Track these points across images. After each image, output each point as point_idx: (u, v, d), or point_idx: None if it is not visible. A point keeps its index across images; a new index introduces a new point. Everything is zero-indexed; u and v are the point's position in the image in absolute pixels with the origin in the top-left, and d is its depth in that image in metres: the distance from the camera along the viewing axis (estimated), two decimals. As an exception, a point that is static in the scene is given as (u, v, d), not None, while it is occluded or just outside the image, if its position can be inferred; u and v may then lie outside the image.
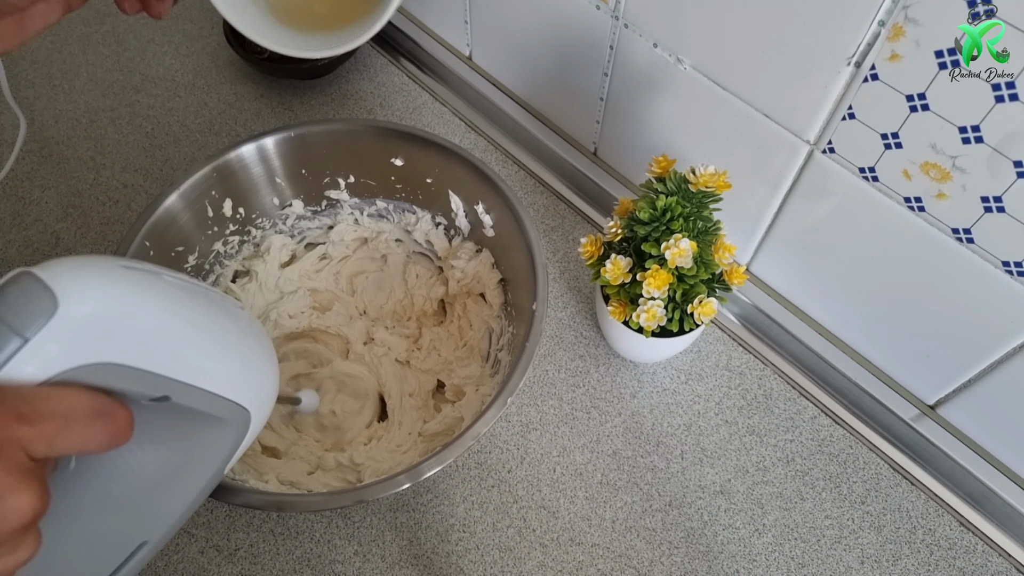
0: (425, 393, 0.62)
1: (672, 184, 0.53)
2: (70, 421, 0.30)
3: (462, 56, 0.81)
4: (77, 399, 0.30)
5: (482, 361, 0.62)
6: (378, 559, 0.56)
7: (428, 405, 0.62)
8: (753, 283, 0.67)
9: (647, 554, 0.57)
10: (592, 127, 0.72)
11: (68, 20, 0.86)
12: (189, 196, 0.59)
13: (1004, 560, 0.56)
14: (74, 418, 0.30)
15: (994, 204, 0.45)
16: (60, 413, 0.30)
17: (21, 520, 0.28)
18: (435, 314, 0.67)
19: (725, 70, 0.54)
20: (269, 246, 0.65)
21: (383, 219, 0.67)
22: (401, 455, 0.58)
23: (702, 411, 0.62)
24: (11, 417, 0.28)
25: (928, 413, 0.60)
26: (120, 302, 0.33)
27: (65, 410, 0.30)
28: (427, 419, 0.61)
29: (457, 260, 0.64)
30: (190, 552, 0.56)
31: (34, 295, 0.31)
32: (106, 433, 0.31)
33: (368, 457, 0.58)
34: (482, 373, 0.61)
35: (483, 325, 0.63)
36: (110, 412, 0.31)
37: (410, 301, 0.67)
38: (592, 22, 0.61)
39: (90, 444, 0.31)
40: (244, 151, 0.60)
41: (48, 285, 0.31)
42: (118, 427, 0.32)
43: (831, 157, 0.52)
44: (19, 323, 0.30)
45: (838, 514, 0.58)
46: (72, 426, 0.30)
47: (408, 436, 0.60)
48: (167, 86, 0.72)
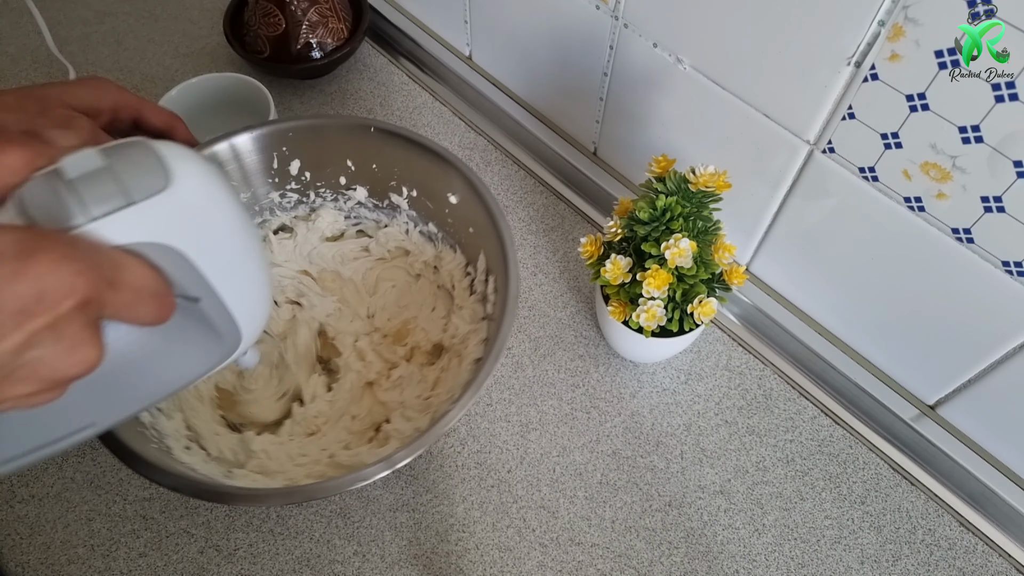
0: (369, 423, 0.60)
1: (672, 184, 0.53)
2: (140, 296, 0.31)
3: (462, 56, 0.81)
4: (149, 276, 0.32)
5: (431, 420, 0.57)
6: (378, 559, 0.56)
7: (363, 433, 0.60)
8: (753, 283, 0.67)
9: (647, 554, 0.57)
10: (592, 127, 0.72)
11: (68, 20, 0.87)
12: (262, 142, 0.61)
13: (1004, 560, 0.56)
14: (143, 293, 0.31)
15: (994, 204, 0.45)
16: (136, 287, 0.31)
17: (82, 372, 0.31)
18: (430, 353, 0.64)
19: (725, 70, 0.54)
20: (320, 216, 0.67)
21: (430, 242, 0.67)
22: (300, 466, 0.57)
23: (702, 411, 0.62)
24: (104, 281, 0.30)
25: (928, 413, 0.60)
26: (214, 201, 0.35)
27: (139, 285, 0.31)
28: (350, 445, 0.59)
29: (461, 313, 0.63)
30: (190, 552, 0.56)
31: (150, 166, 0.32)
32: (156, 314, 0.33)
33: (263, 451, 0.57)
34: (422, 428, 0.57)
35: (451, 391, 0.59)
36: (165, 295, 0.33)
37: (417, 328, 0.65)
38: (592, 22, 0.61)
39: (142, 319, 0.32)
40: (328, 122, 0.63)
41: (165, 163, 0.32)
42: (166, 311, 0.33)
43: (831, 157, 0.52)
44: (131, 185, 0.31)
45: (838, 514, 0.58)
46: (140, 300, 0.31)
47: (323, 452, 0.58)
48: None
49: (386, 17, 0.84)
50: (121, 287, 0.31)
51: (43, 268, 0.27)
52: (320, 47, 0.77)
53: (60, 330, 0.29)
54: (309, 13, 0.76)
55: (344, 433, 0.60)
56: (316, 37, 0.76)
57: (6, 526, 0.57)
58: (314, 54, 0.77)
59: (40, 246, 0.28)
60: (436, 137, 0.77)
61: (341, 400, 0.61)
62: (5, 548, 0.56)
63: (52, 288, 0.28)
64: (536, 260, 0.70)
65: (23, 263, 0.27)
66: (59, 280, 0.28)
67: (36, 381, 0.30)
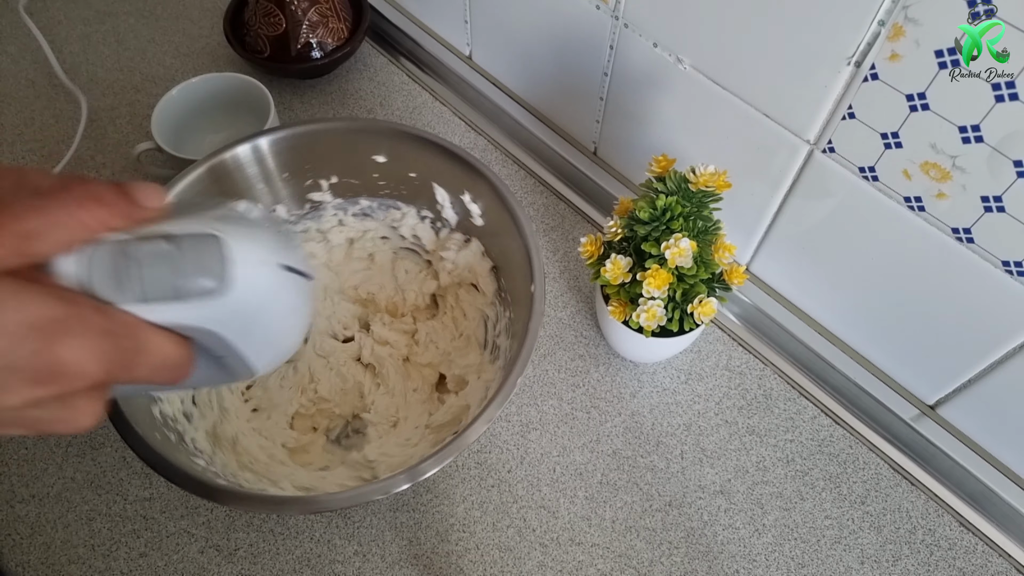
0: (428, 387, 0.63)
1: (672, 184, 0.52)
2: (160, 370, 0.32)
3: (462, 56, 0.81)
4: (174, 354, 0.32)
5: (480, 349, 0.62)
6: (378, 559, 0.56)
7: (432, 398, 0.62)
8: (753, 283, 0.67)
9: (647, 554, 0.57)
10: (592, 127, 0.72)
11: (68, 20, 0.87)
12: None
13: (1004, 560, 0.56)
14: (164, 368, 0.32)
15: (994, 204, 0.45)
16: (158, 364, 0.31)
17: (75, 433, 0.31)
18: (428, 308, 0.67)
19: (725, 70, 0.54)
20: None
21: (367, 217, 0.66)
22: (412, 448, 0.58)
23: (702, 411, 0.62)
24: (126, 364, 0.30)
25: (928, 413, 0.60)
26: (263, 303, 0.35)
27: (162, 363, 0.32)
28: (432, 411, 0.61)
29: (446, 252, 0.64)
30: (190, 552, 0.56)
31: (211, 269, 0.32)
32: (169, 382, 0.33)
33: (381, 453, 0.58)
34: (482, 360, 0.61)
35: (478, 314, 0.63)
36: (185, 366, 0.33)
37: (401, 297, 0.67)
38: (592, 22, 0.61)
39: (158, 381, 0.32)
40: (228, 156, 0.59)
41: (229, 269, 0.32)
42: (180, 379, 0.33)
43: (831, 157, 0.52)
44: (185, 285, 0.32)
45: (838, 514, 0.58)
46: (157, 374, 0.32)
47: (415, 430, 0.60)
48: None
49: (386, 17, 0.84)
50: (143, 366, 0.31)
51: (69, 351, 0.28)
52: (320, 47, 0.77)
53: (66, 400, 0.29)
54: (309, 13, 0.76)
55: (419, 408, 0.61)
56: (316, 37, 0.77)
57: (6, 526, 0.57)
58: (314, 54, 0.77)
59: (73, 329, 0.28)
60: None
61: (397, 386, 0.63)
62: (5, 548, 0.56)
63: (72, 370, 0.28)
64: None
65: (51, 341, 0.28)
66: (80, 365, 0.28)
67: (27, 430, 0.30)
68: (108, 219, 0.30)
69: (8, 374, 0.27)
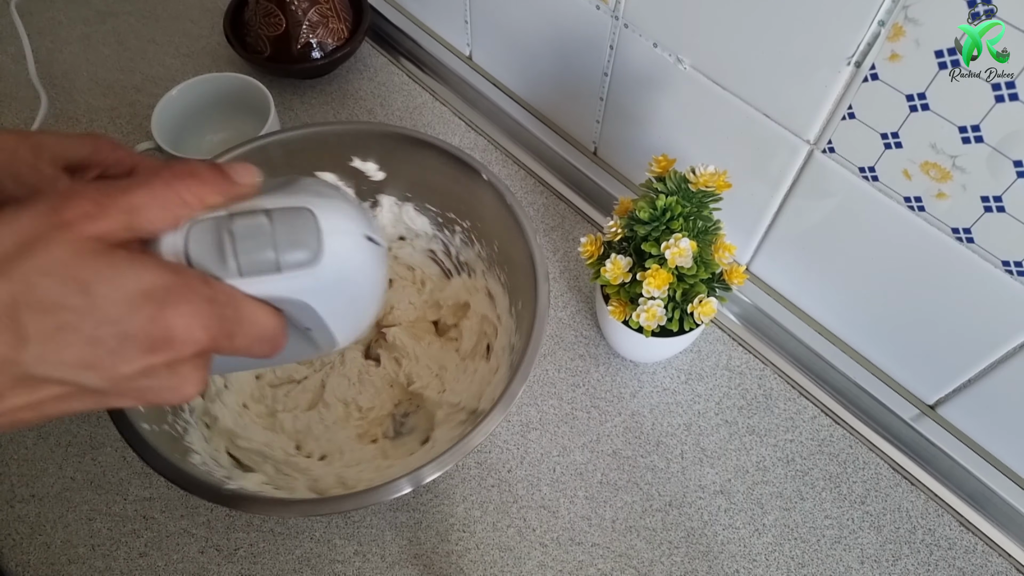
0: (433, 335, 0.65)
1: (672, 184, 0.53)
2: (257, 342, 0.33)
3: (462, 56, 0.81)
4: (271, 326, 0.33)
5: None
6: (378, 559, 0.56)
7: (445, 340, 0.64)
8: (753, 283, 0.67)
9: (647, 554, 0.57)
10: (592, 127, 0.72)
11: (68, 20, 0.87)
12: None
13: (1004, 560, 0.56)
14: (261, 340, 0.33)
15: (994, 204, 0.45)
16: (256, 336, 0.33)
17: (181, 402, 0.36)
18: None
19: (725, 70, 0.54)
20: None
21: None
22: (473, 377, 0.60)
23: (702, 411, 0.62)
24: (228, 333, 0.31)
25: (928, 413, 0.60)
26: (350, 272, 0.36)
27: (260, 334, 0.33)
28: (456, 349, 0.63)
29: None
30: (190, 552, 0.56)
31: (307, 242, 0.33)
32: (265, 354, 0.34)
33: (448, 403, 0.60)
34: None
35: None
36: (280, 338, 0.34)
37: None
38: (592, 22, 0.61)
39: (256, 354, 0.34)
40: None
41: (322, 240, 0.33)
42: (275, 351, 0.35)
43: (831, 157, 0.52)
44: (284, 258, 0.33)
45: (838, 514, 0.58)
46: (255, 345, 0.33)
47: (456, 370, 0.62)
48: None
49: (386, 17, 0.84)
50: (243, 336, 0.32)
51: (179, 318, 0.29)
52: (320, 47, 0.77)
53: (175, 367, 0.30)
54: (309, 13, 0.76)
55: (441, 351, 0.64)
56: (316, 37, 0.77)
57: (6, 526, 0.57)
58: (314, 54, 0.77)
59: (183, 296, 0.30)
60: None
61: (414, 349, 0.64)
62: (5, 548, 0.56)
63: (181, 336, 0.29)
64: (536, 260, 0.70)
65: (163, 308, 0.29)
66: (189, 331, 0.30)
67: (136, 400, 0.31)
68: (207, 195, 0.32)
69: (125, 341, 0.28)
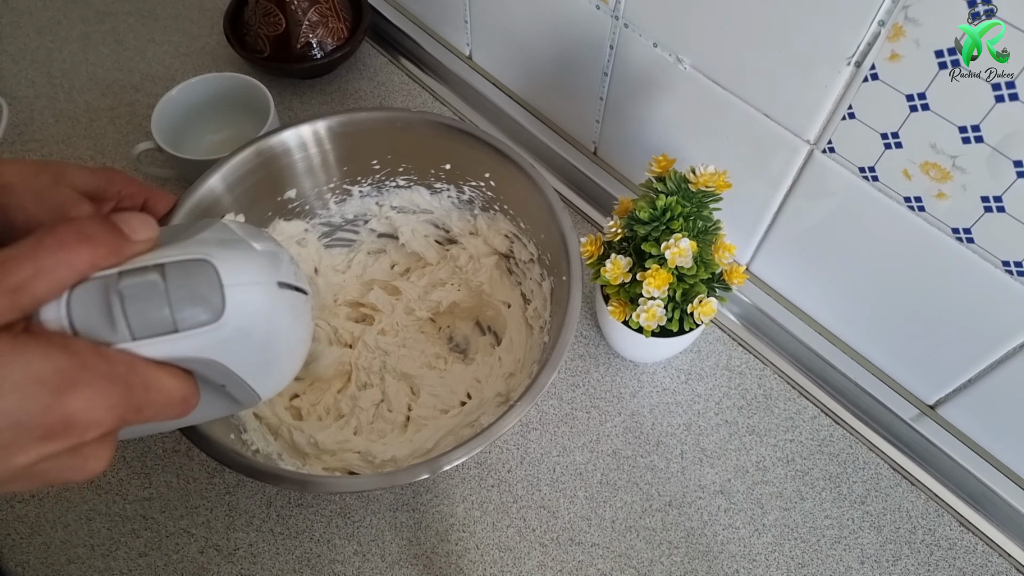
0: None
1: (672, 184, 0.53)
2: (165, 406, 0.31)
3: (462, 56, 0.81)
4: (178, 389, 0.32)
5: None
6: (378, 559, 0.56)
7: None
8: (753, 283, 0.67)
9: (647, 554, 0.57)
10: (592, 127, 0.72)
11: (68, 20, 0.87)
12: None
13: (1004, 560, 0.56)
14: (169, 404, 0.32)
15: (994, 204, 0.45)
16: (164, 401, 0.31)
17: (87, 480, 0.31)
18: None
19: (725, 70, 0.54)
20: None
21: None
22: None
23: (702, 411, 0.62)
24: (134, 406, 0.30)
25: (928, 413, 0.60)
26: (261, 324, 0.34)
27: (168, 399, 0.31)
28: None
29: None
30: (190, 552, 0.56)
31: (206, 297, 0.31)
32: (177, 416, 0.33)
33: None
34: None
35: None
36: (191, 398, 0.33)
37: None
38: (592, 22, 0.61)
39: (163, 419, 0.32)
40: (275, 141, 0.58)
41: (224, 296, 0.31)
42: (187, 411, 0.33)
43: (831, 157, 0.52)
44: (180, 317, 0.31)
45: (838, 514, 0.58)
46: (164, 410, 0.31)
47: None
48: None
49: (386, 17, 0.84)
50: (150, 406, 0.31)
51: (78, 403, 0.28)
52: (320, 47, 0.77)
53: (78, 450, 0.29)
54: (309, 13, 0.76)
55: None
56: (316, 37, 0.77)
57: (6, 526, 0.57)
58: (314, 54, 0.77)
59: (79, 379, 0.28)
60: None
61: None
62: (5, 548, 0.56)
63: (82, 421, 0.28)
64: (536, 260, 0.70)
65: (59, 395, 0.27)
66: (91, 415, 0.28)
67: (36, 484, 0.29)
68: (99, 259, 0.30)
69: (18, 433, 0.27)
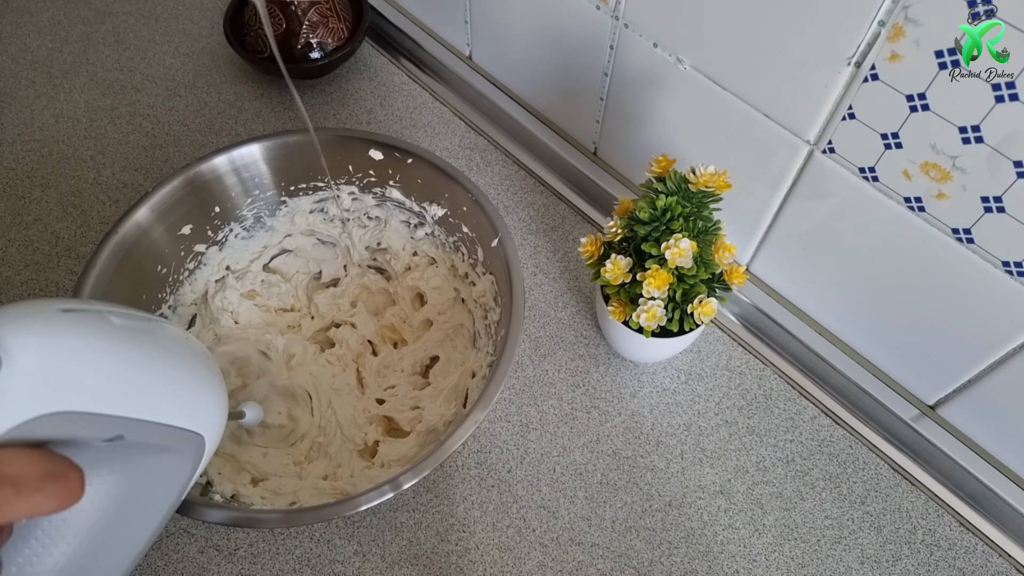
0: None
1: (672, 184, 0.53)
2: (20, 488, 0.28)
3: (462, 56, 0.81)
4: (26, 463, 0.28)
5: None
6: (378, 559, 0.56)
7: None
8: (753, 283, 0.67)
9: (647, 554, 0.57)
10: (592, 127, 0.72)
11: (68, 20, 0.87)
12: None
13: (1004, 560, 0.56)
14: (24, 484, 0.28)
15: (994, 204, 0.45)
16: (9, 480, 0.27)
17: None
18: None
19: (725, 70, 0.54)
20: None
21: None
22: None
23: (702, 411, 0.62)
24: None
25: (928, 413, 0.60)
26: (65, 350, 0.31)
27: (14, 476, 0.27)
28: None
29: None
30: (190, 552, 0.56)
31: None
32: (58, 497, 0.29)
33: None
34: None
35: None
36: (61, 474, 0.29)
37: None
38: (592, 22, 0.61)
39: (40, 509, 0.28)
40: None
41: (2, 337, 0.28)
42: (70, 488, 0.29)
43: (831, 157, 0.52)
44: None
45: (838, 514, 0.58)
46: (22, 493, 0.28)
47: None
48: (167, 85, 0.72)
49: (386, 17, 0.84)
50: (13, 497, 0.27)
51: None
52: (320, 47, 0.77)
53: None
54: (309, 13, 0.76)
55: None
56: (316, 37, 0.77)
57: (6, 526, 0.57)
58: (314, 54, 0.77)
59: None
60: (436, 137, 0.77)
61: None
62: (5, 548, 0.56)
63: None
64: (536, 260, 0.70)
65: None
66: None
67: None
68: None
69: None
